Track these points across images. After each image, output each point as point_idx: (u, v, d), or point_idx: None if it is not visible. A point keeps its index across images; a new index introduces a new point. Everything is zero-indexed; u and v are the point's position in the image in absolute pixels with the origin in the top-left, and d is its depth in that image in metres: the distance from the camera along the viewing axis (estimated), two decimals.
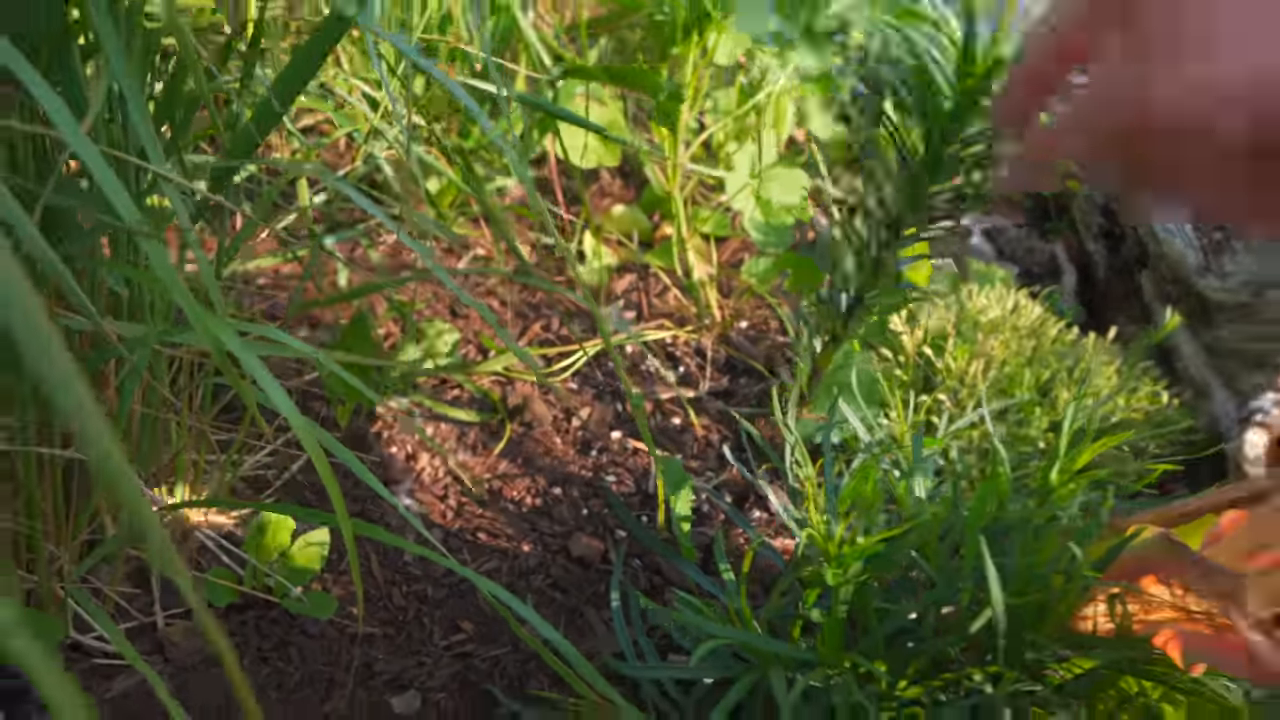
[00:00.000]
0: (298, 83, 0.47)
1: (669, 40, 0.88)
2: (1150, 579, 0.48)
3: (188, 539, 0.70)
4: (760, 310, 1.11)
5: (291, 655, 0.65)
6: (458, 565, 0.48)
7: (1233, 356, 0.96)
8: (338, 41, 0.46)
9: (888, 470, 0.64)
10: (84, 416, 0.22)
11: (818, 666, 0.48)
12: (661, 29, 0.88)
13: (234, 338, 0.40)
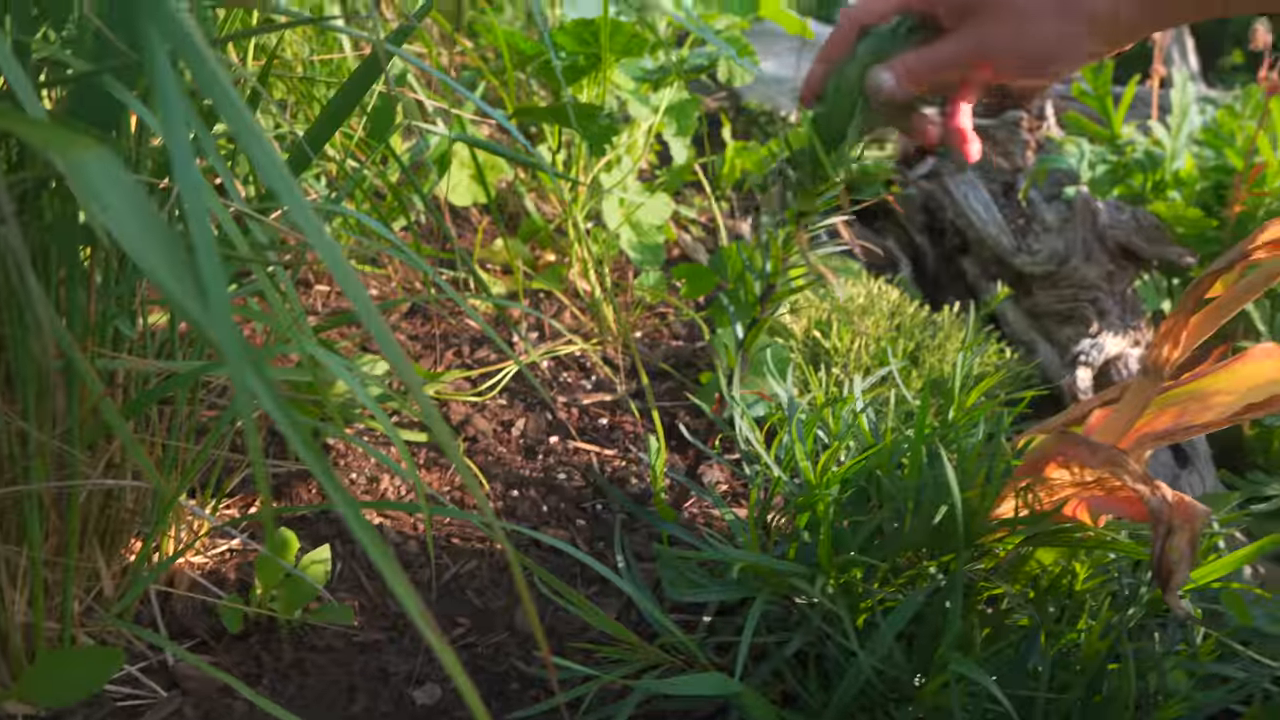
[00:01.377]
0: (332, 128, 0.53)
1: (567, 81, 0.98)
2: (1052, 466, 0.61)
3: (175, 580, 0.72)
4: (650, 320, 1.22)
5: (308, 669, 0.69)
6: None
7: (1047, 316, 1.15)
8: (367, 91, 0.53)
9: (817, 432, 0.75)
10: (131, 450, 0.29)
11: (818, 575, 0.58)
12: (554, 72, 0.98)
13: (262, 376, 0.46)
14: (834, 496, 0.60)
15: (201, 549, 0.75)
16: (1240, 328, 1.00)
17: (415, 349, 1.09)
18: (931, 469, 0.63)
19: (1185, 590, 0.62)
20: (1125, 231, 1.12)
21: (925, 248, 1.37)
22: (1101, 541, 0.60)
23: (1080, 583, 0.64)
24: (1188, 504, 0.55)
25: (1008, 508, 0.65)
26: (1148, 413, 0.63)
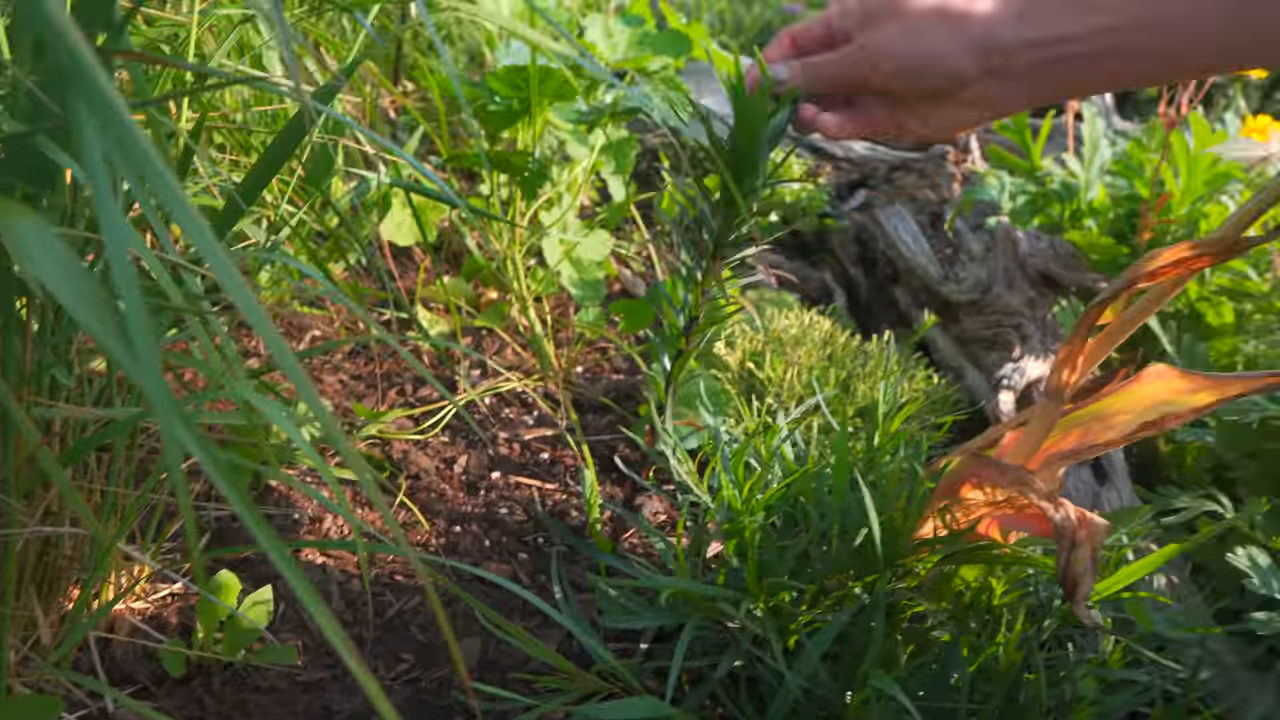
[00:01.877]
0: (264, 181, 0.55)
1: (501, 124, 1.01)
2: (967, 487, 0.64)
3: (115, 626, 0.73)
4: (591, 355, 1.24)
5: (251, 710, 0.69)
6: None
7: (974, 342, 1.20)
8: (297, 145, 0.55)
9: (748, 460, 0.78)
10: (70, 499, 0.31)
11: (744, 599, 0.60)
12: (493, 117, 1.00)
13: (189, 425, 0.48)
14: (759, 522, 0.63)
15: (142, 594, 0.76)
16: (1151, 349, 1.05)
17: (358, 388, 1.10)
18: (854, 494, 0.66)
19: (1094, 600, 0.66)
20: (1044, 259, 1.17)
21: (859, 278, 1.42)
22: (1016, 558, 0.63)
23: (998, 598, 0.67)
24: (1089, 519, 0.58)
25: (929, 528, 0.68)
26: (1055, 434, 0.67)
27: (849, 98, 0.71)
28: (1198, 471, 1.00)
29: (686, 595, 0.62)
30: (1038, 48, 0.60)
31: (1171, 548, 0.61)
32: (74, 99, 0.31)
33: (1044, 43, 0.60)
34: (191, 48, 0.62)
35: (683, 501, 0.72)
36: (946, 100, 0.65)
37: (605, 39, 1.42)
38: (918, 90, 0.66)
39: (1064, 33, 0.59)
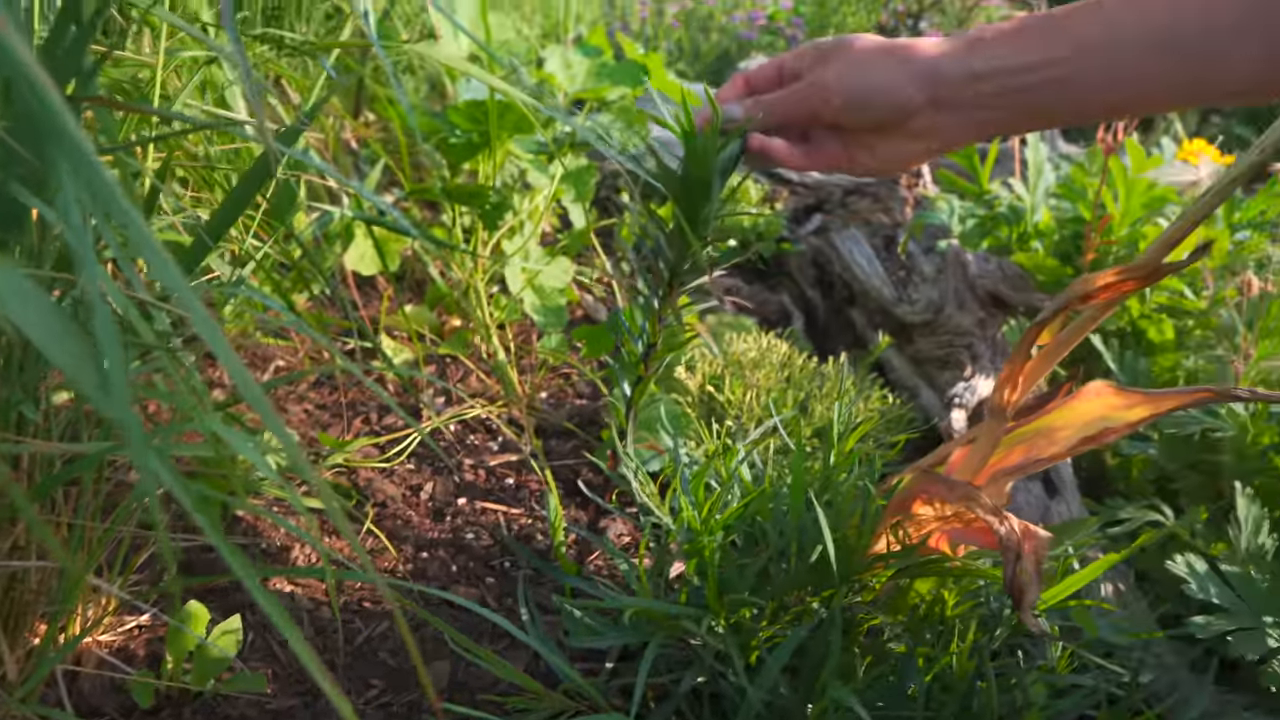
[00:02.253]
0: (229, 220, 0.57)
1: (462, 156, 1.03)
2: (917, 503, 0.67)
3: (83, 659, 0.73)
4: (555, 381, 1.26)
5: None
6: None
7: (928, 362, 1.23)
8: (261, 186, 0.57)
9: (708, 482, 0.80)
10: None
11: (706, 616, 0.62)
12: (454, 149, 1.02)
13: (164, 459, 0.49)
14: (719, 542, 0.65)
15: (109, 627, 0.76)
16: (1096, 367, 1.09)
17: (324, 418, 1.11)
18: (810, 512, 0.68)
19: (1041, 609, 0.68)
20: (993, 280, 1.21)
21: (816, 301, 1.45)
22: (966, 570, 0.66)
23: (950, 609, 0.70)
24: (1033, 532, 0.61)
25: (883, 544, 0.70)
26: (1000, 450, 0.70)
27: (803, 134, 0.74)
28: (1143, 483, 1.04)
29: (650, 614, 0.64)
30: (983, 80, 0.63)
31: (1112, 556, 0.64)
32: (50, 147, 0.32)
33: (988, 75, 0.63)
34: (157, 89, 0.63)
35: (645, 523, 0.74)
36: (894, 132, 0.68)
37: (564, 70, 1.45)
38: (866, 121, 0.69)
39: (1008, 65, 0.62)
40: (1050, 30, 0.62)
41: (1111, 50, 0.61)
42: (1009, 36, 0.63)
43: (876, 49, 0.67)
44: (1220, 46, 0.57)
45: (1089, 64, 0.62)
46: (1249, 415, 0.90)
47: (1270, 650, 0.70)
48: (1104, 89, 0.63)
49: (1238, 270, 1.19)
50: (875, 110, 0.68)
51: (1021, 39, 0.63)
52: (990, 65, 0.63)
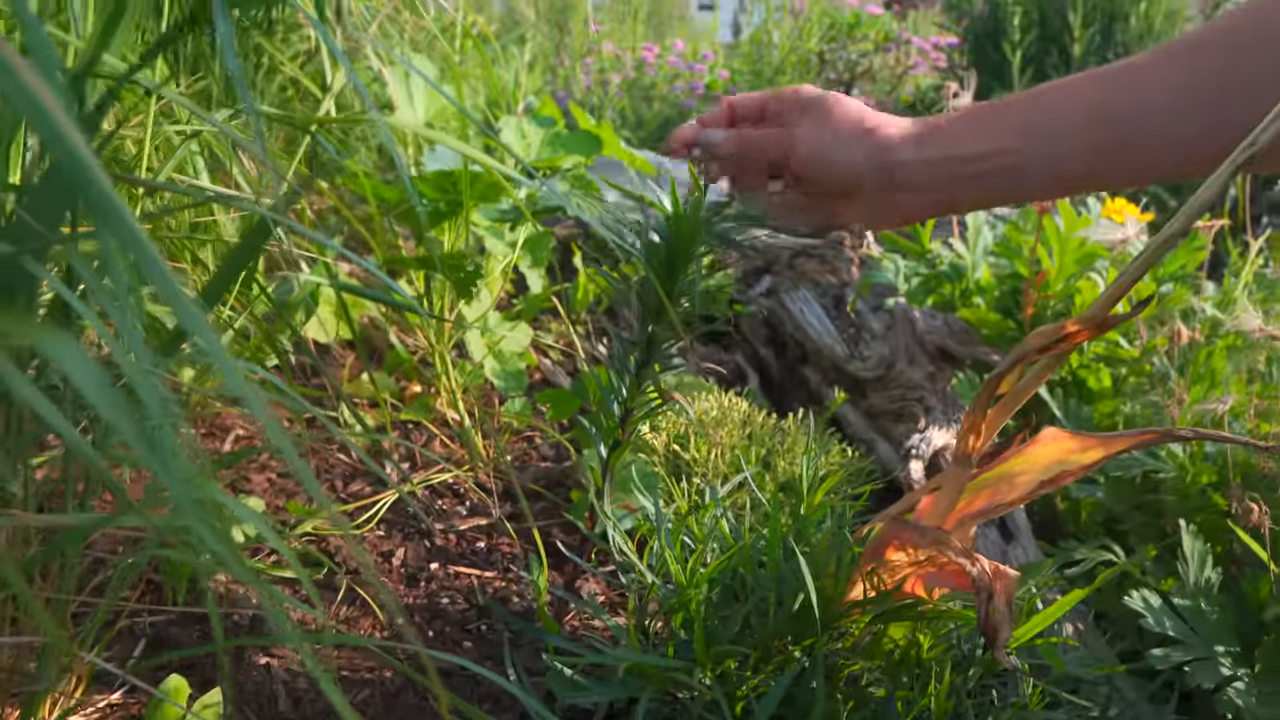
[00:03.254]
0: (223, 288, 0.58)
1: (427, 227, 1.05)
2: (890, 549, 0.69)
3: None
4: (519, 444, 1.27)
5: None
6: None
7: (882, 415, 1.27)
8: (259, 252, 0.58)
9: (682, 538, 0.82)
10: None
11: (695, 668, 0.64)
12: (419, 218, 1.05)
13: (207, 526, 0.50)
14: (704, 595, 0.66)
15: (80, 707, 0.74)
16: (1043, 415, 1.14)
17: (288, 486, 1.11)
18: (788, 563, 0.71)
19: (1012, 647, 0.71)
20: (940, 336, 1.26)
21: (770, 360, 1.49)
22: (940, 612, 0.68)
23: (926, 652, 0.72)
24: (1003, 571, 0.64)
25: (858, 591, 0.73)
26: (965, 496, 0.73)
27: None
28: (1092, 525, 1.08)
29: (641, 668, 0.65)
30: (936, 166, 0.68)
31: (1077, 593, 0.67)
32: (102, 226, 0.34)
33: (941, 163, 0.68)
34: (144, 162, 0.64)
35: (630, 580, 0.75)
36: (851, 200, 0.73)
37: (519, 140, 1.49)
38: (824, 182, 0.74)
39: (960, 154, 0.67)
40: (996, 120, 0.68)
41: (1053, 133, 0.66)
42: (960, 125, 0.69)
43: (848, 118, 0.72)
44: (1154, 126, 0.62)
45: (1034, 150, 0.67)
46: (1187, 457, 0.95)
47: (1224, 678, 0.74)
48: (1051, 170, 0.68)
49: (1164, 320, 1.27)
50: (833, 172, 0.73)
51: (971, 129, 0.69)
52: (943, 154, 0.68)
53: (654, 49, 3.13)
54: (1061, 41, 2.78)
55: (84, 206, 0.35)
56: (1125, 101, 0.64)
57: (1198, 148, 0.63)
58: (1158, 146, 0.63)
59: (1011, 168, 0.67)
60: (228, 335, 0.83)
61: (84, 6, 0.52)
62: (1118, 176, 0.67)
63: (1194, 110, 0.62)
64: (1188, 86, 0.62)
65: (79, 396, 0.58)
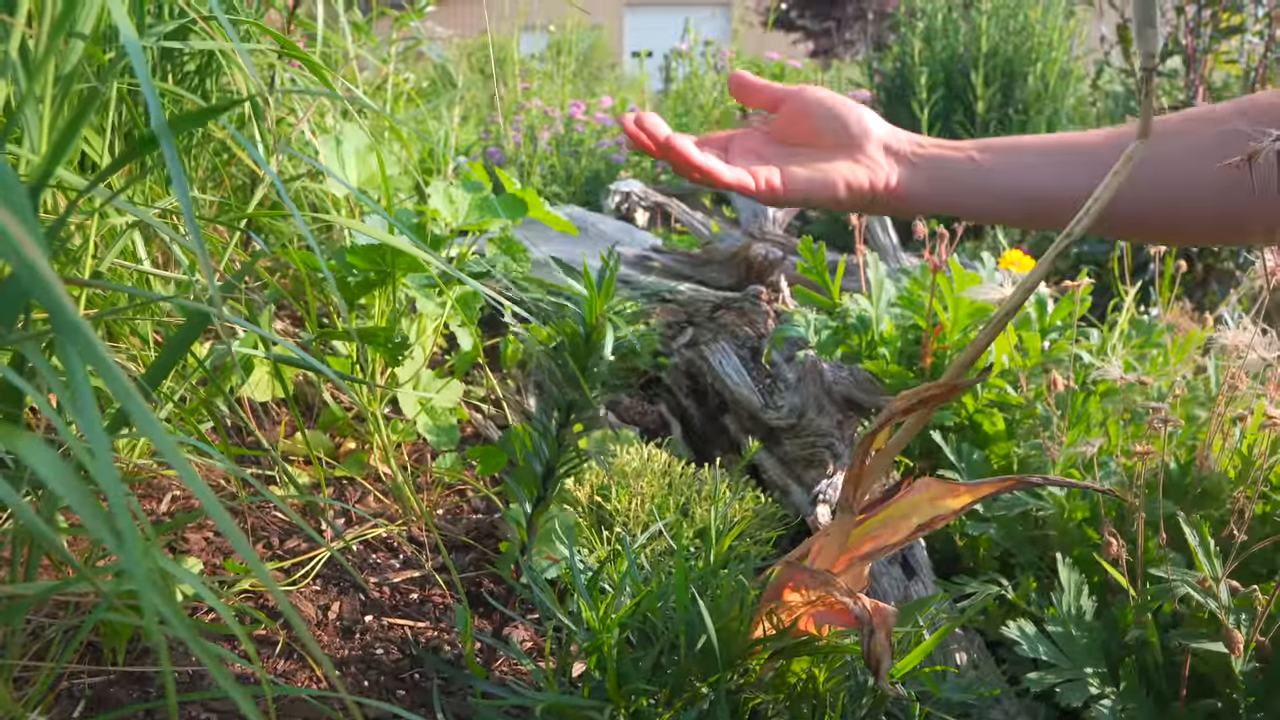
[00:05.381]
0: (163, 372, 0.63)
1: (358, 292, 1.11)
2: (787, 590, 0.76)
3: None
4: (451, 498, 1.32)
5: None
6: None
7: (795, 462, 1.35)
8: (195, 340, 0.64)
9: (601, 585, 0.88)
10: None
11: (608, 707, 0.70)
12: (352, 287, 1.10)
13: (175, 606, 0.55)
14: (615, 639, 0.73)
15: None
16: (940, 459, 1.23)
17: (225, 544, 1.14)
18: (694, 606, 0.77)
19: (899, 675, 0.78)
20: (846, 386, 1.35)
21: (692, 409, 1.56)
22: (833, 647, 0.75)
23: (823, 684, 0.79)
24: (881, 608, 0.71)
25: (760, 630, 0.79)
26: (853, 540, 0.80)
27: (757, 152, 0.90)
28: (988, 560, 1.17)
29: (558, 708, 0.71)
30: (921, 147, 0.85)
31: (954, 621, 0.75)
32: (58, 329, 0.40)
33: (925, 152, 0.86)
34: (89, 258, 0.70)
35: (547, 628, 0.81)
36: (846, 153, 0.85)
37: (448, 204, 1.55)
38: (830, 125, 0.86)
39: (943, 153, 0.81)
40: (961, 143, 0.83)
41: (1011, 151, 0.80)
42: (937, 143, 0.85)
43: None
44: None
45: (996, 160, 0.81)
46: (1064, 495, 1.04)
47: (1091, 696, 0.82)
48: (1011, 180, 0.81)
49: (1048, 368, 1.37)
50: (844, 114, 0.86)
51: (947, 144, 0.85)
52: (929, 150, 0.83)
53: (581, 105, 3.23)
54: (966, 99, 2.96)
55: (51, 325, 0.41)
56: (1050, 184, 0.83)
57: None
58: None
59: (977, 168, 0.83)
60: (167, 407, 0.88)
61: (38, 122, 0.58)
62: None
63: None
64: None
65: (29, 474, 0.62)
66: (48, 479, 0.37)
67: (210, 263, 0.51)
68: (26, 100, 0.55)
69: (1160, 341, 1.46)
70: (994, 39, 2.86)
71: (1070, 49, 2.95)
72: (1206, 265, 2.23)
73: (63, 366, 0.49)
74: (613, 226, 2.45)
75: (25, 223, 0.42)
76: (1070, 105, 2.92)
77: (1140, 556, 0.89)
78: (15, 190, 0.45)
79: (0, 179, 0.46)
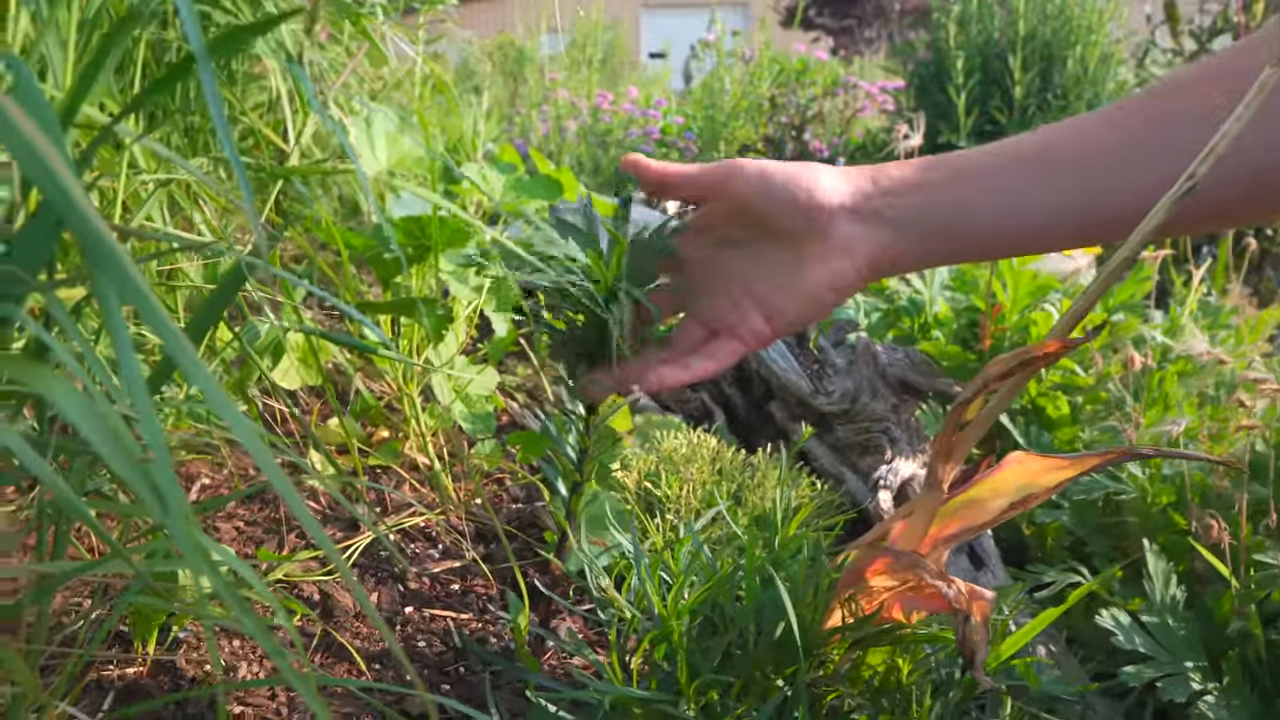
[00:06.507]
0: (206, 327, 0.58)
1: (394, 270, 1.06)
2: (867, 575, 0.71)
3: None
4: (489, 486, 1.27)
5: None
6: None
7: (849, 448, 1.29)
8: (238, 291, 0.59)
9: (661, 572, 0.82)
10: None
11: (680, 700, 0.64)
12: (387, 264, 1.05)
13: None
14: (685, 626, 0.67)
15: None
16: (1006, 442, 1.17)
17: (256, 534, 1.09)
18: (766, 592, 0.71)
19: (989, 668, 0.72)
20: (902, 369, 1.29)
21: (736, 398, 1.50)
22: (918, 636, 0.69)
23: (906, 677, 0.73)
24: (978, 591, 0.65)
25: (837, 618, 0.74)
26: (937, 521, 0.74)
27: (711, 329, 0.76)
28: (1058, 549, 1.10)
29: (625, 701, 0.65)
30: (888, 194, 0.70)
31: (1052, 612, 0.69)
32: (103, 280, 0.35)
33: (891, 190, 0.70)
34: (119, 208, 0.65)
35: (611, 616, 0.75)
36: (810, 245, 0.71)
37: (482, 185, 1.50)
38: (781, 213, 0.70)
39: (908, 181, 0.69)
40: (937, 162, 0.70)
41: (994, 172, 0.69)
42: (903, 167, 0.71)
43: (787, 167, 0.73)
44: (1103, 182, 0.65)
45: (973, 186, 0.70)
46: (1146, 479, 0.98)
47: (1195, 692, 0.76)
48: (995, 213, 0.70)
49: (1116, 348, 1.30)
50: (790, 193, 0.70)
51: (913, 168, 0.71)
52: (892, 182, 0.70)
53: (608, 96, 3.18)
54: (1004, 84, 2.88)
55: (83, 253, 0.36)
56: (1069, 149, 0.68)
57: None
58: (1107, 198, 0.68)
59: (957, 204, 0.69)
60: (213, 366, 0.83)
61: (61, 57, 0.53)
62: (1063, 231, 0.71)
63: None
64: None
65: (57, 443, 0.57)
66: (80, 425, 0.32)
67: (254, 208, 0.46)
68: (48, 29, 0.50)
69: (1228, 323, 1.39)
70: (1031, 22, 2.79)
71: (1110, 32, 2.88)
72: (1262, 249, 2.15)
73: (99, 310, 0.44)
74: (644, 213, 2.39)
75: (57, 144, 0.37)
76: (1111, 89, 2.84)
77: (1243, 542, 0.82)
78: (45, 110, 0.40)
79: (29, 100, 0.41)
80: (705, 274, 0.76)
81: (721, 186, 0.73)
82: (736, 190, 0.72)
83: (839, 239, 0.70)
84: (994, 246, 0.73)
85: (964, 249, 0.72)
